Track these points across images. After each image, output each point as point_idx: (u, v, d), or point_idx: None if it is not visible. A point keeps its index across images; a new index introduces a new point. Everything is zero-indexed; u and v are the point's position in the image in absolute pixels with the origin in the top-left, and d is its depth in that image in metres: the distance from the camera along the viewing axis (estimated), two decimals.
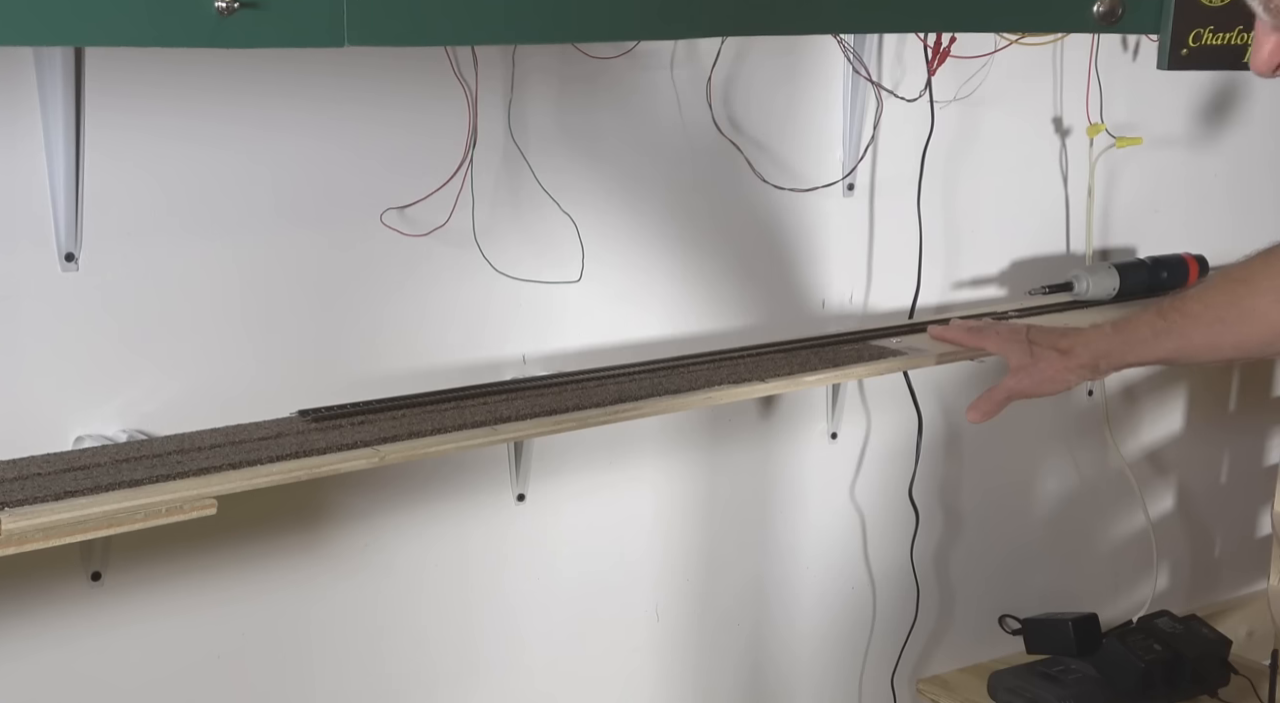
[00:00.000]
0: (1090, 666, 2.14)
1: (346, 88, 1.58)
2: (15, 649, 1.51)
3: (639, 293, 1.85)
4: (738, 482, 2.01)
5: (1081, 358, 1.61)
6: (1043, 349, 1.64)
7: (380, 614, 1.74)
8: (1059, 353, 1.63)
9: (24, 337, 1.45)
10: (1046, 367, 1.63)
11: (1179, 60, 1.65)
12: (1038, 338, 1.66)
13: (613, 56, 1.70)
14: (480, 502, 1.79)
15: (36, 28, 1.07)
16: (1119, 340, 1.60)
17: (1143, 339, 1.57)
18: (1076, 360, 1.62)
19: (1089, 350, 1.61)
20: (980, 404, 1.67)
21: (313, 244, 1.60)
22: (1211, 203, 2.42)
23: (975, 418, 1.68)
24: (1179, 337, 1.52)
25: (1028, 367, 1.65)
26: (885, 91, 1.96)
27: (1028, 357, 1.65)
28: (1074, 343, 1.63)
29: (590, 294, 1.79)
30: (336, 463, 1.39)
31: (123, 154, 1.46)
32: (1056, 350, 1.63)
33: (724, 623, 2.05)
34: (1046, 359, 1.63)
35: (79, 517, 1.24)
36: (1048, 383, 1.64)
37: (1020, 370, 1.65)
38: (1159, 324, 1.55)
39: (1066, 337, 1.64)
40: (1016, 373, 1.66)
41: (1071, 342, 1.63)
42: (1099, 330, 1.63)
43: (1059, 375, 1.63)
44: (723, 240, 1.91)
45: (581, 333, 1.80)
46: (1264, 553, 2.47)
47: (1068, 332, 1.66)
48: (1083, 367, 1.62)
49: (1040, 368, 1.64)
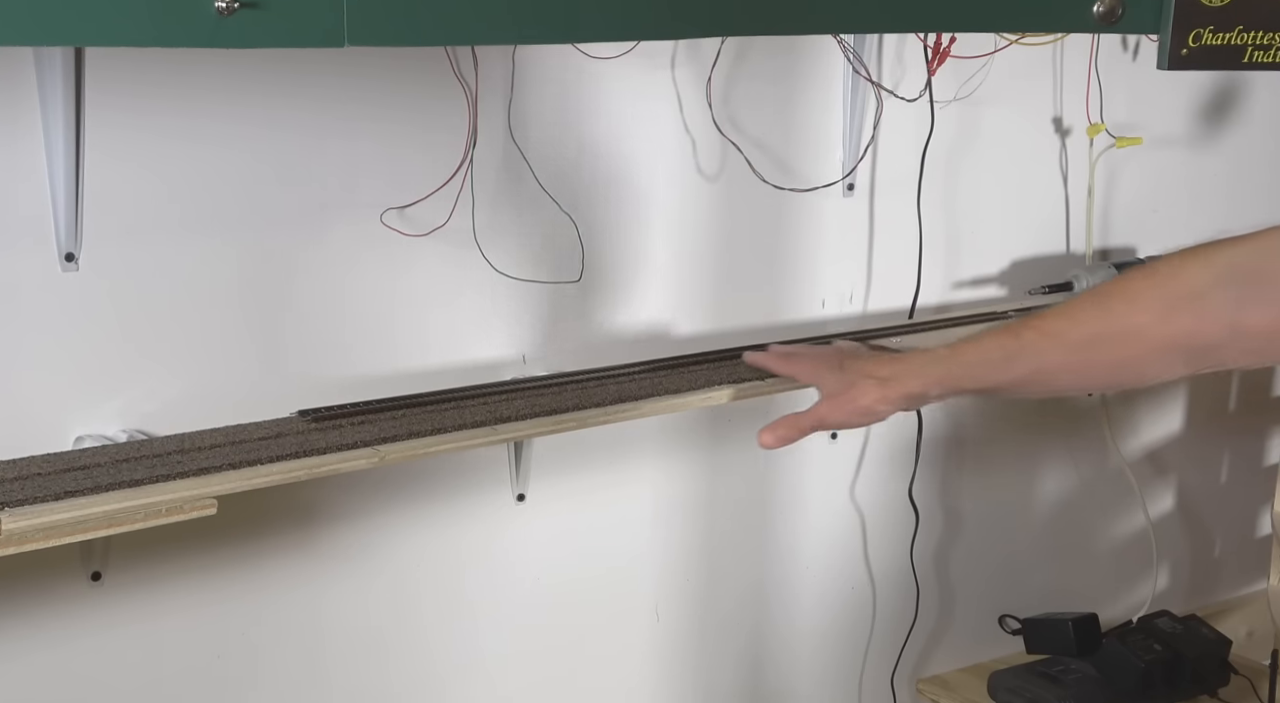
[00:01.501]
0: (1090, 666, 2.14)
1: (346, 88, 1.58)
2: (15, 649, 1.51)
3: (639, 293, 1.85)
4: (738, 482, 2.01)
5: (906, 387, 1.43)
6: (859, 377, 1.45)
7: (380, 614, 1.74)
8: (878, 382, 1.44)
9: (24, 337, 1.45)
10: (861, 396, 1.44)
11: (1179, 60, 1.65)
12: (853, 365, 1.48)
13: (613, 56, 1.70)
14: (480, 502, 1.79)
15: (36, 28, 1.07)
16: (956, 365, 1.41)
17: (990, 362, 1.38)
18: (899, 390, 1.43)
19: (916, 379, 1.42)
20: (778, 428, 1.47)
21: (313, 244, 1.60)
22: (1211, 203, 2.42)
23: (768, 442, 1.46)
24: (1035, 358, 1.35)
25: (840, 395, 1.46)
26: (885, 91, 1.96)
27: (841, 385, 1.46)
28: (897, 371, 1.44)
29: (590, 294, 1.79)
30: (336, 463, 1.39)
31: (123, 154, 1.46)
32: (875, 379, 1.44)
33: (724, 623, 2.05)
34: (861, 388, 1.44)
35: (79, 517, 1.24)
36: (860, 415, 1.46)
37: (832, 399, 1.47)
38: (1011, 345, 1.36)
39: (888, 364, 1.47)
40: (828, 401, 1.47)
41: (894, 370, 1.45)
42: (930, 355, 1.45)
43: (873, 407, 1.44)
44: (723, 240, 1.91)
45: (581, 333, 1.80)
46: (1264, 553, 2.47)
47: (892, 358, 1.49)
48: (906, 397, 1.43)
49: (852, 397, 1.45)
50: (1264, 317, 1.22)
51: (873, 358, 1.52)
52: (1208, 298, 1.24)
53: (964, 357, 1.41)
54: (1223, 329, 1.24)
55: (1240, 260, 1.23)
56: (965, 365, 1.40)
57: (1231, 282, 1.23)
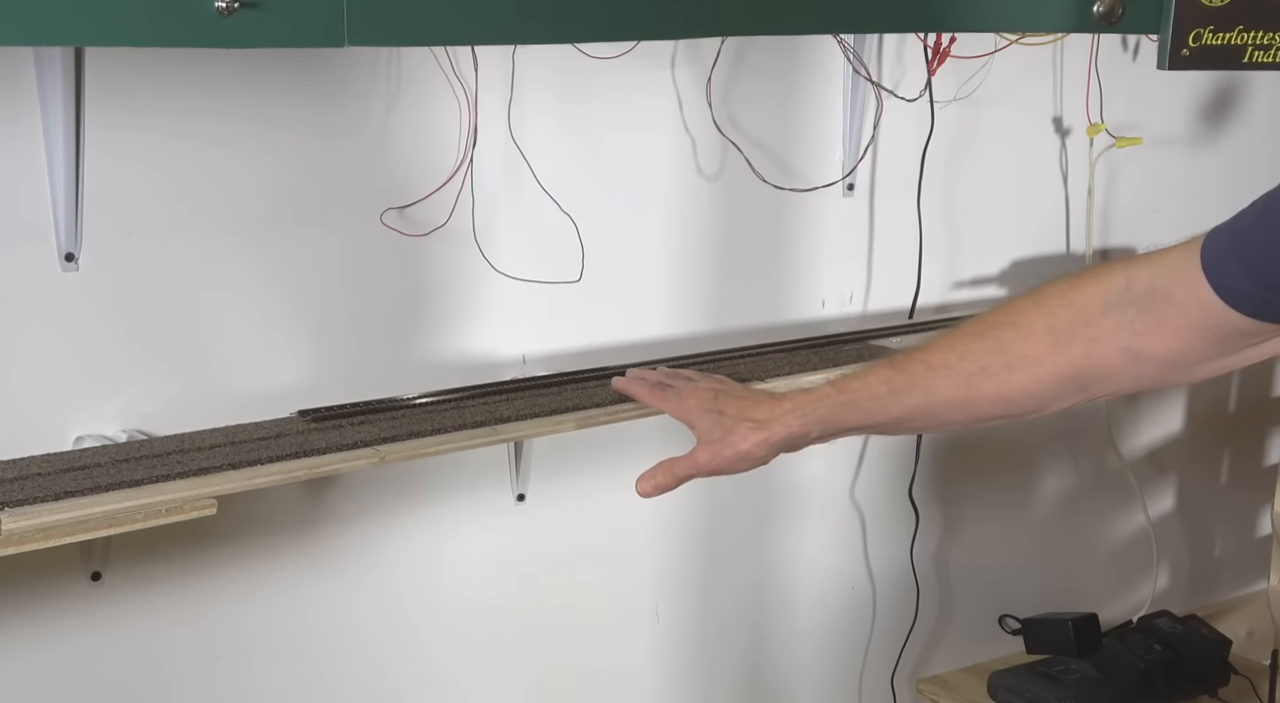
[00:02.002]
0: (1090, 666, 2.13)
1: (346, 88, 1.58)
2: (15, 649, 1.51)
3: (639, 293, 1.85)
4: (738, 482, 1.99)
5: (787, 429, 1.34)
6: (736, 421, 1.37)
7: (380, 614, 1.74)
8: (755, 425, 1.35)
9: (24, 337, 1.45)
10: (738, 441, 1.36)
11: (1179, 60, 1.65)
12: (728, 407, 1.39)
13: (613, 56, 1.70)
14: (480, 502, 1.79)
15: (36, 28, 1.07)
16: (840, 402, 1.33)
17: (875, 397, 1.30)
18: (779, 433, 1.34)
19: (797, 418, 1.34)
20: (655, 475, 1.40)
21: (312, 244, 1.60)
22: (1211, 203, 2.41)
23: (644, 490, 1.40)
24: (922, 393, 1.27)
25: (717, 442, 1.37)
26: (885, 91, 1.96)
27: (718, 429, 1.37)
28: (775, 413, 1.35)
29: (590, 294, 1.79)
30: (336, 463, 1.39)
31: (123, 154, 1.46)
32: (752, 422, 1.36)
33: (724, 623, 2.05)
34: (738, 433, 1.36)
35: (79, 517, 1.24)
36: (740, 461, 1.37)
37: (708, 445, 1.38)
38: (896, 380, 1.29)
39: (766, 405, 1.37)
40: (704, 447, 1.38)
41: (772, 411, 1.36)
42: (811, 394, 1.35)
43: (754, 452, 1.35)
44: (723, 240, 1.91)
45: (581, 333, 1.80)
46: (1264, 553, 2.47)
47: (770, 399, 1.39)
48: (787, 438, 1.35)
49: (730, 443, 1.36)
50: (1161, 341, 1.14)
51: (749, 398, 1.41)
52: (1101, 323, 1.16)
53: (847, 394, 1.32)
54: (1118, 355, 1.16)
55: (1138, 282, 1.14)
56: (848, 403, 1.32)
57: (1128, 304, 1.15)
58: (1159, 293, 1.13)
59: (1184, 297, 1.11)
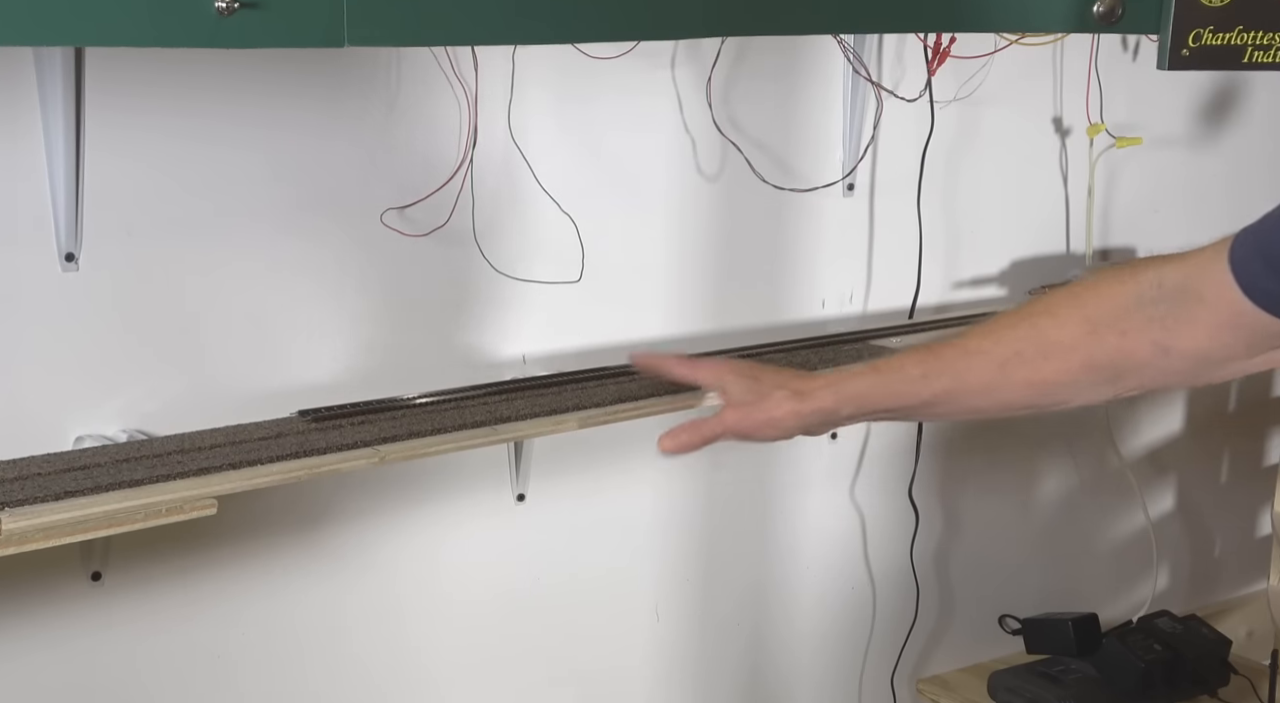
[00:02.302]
0: (1090, 666, 2.14)
1: (346, 88, 1.58)
2: (15, 649, 1.51)
3: (639, 293, 1.85)
4: (737, 482, 2.01)
5: (821, 402, 1.35)
6: (771, 388, 1.38)
7: (380, 614, 1.74)
8: (791, 393, 1.37)
9: (24, 336, 1.45)
10: (772, 408, 1.37)
11: (1179, 60, 1.65)
12: (766, 375, 1.41)
13: (613, 56, 1.70)
14: (480, 502, 1.79)
15: (36, 28, 1.07)
16: (875, 381, 1.35)
17: (907, 379, 1.33)
18: (813, 404, 1.36)
19: (833, 393, 1.36)
20: (679, 434, 1.39)
21: (313, 244, 1.60)
22: (1211, 203, 2.42)
23: (667, 447, 1.39)
24: (953, 377, 1.30)
25: (749, 405, 1.38)
26: (885, 91, 1.96)
27: (751, 394, 1.39)
28: (812, 386, 1.37)
29: (590, 294, 1.79)
30: (336, 463, 1.39)
31: (123, 154, 1.46)
32: (789, 390, 1.37)
33: (724, 623, 2.05)
34: (773, 400, 1.37)
35: (79, 517, 1.24)
36: (768, 427, 1.38)
37: (740, 407, 1.39)
38: (930, 362, 1.32)
39: (801, 377, 1.40)
40: (736, 409, 1.39)
41: (809, 384, 1.38)
42: (846, 371, 1.39)
43: (784, 420, 1.37)
44: (722, 240, 1.91)
45: (581, 333, 1.80)
46: (1264, 553, 2.47)
47: (805, 373, 1.43)
48: (818, 412, 1.36)
49: (764, 408, 1.37)
50: (1191, 338, 1.17)
51: (784, 370, 1.45)
52: (1133, 316, 1.19)
53: (881, 374, 1.35)
54: (1148, 348, 1.19)
55: (1169, 279, 1.18)
56: (881, 383, 1.35)
57: (1160, 300, 1.18)
58: (1190, 291, 1.17)
59: (1213, 295, 1.15)
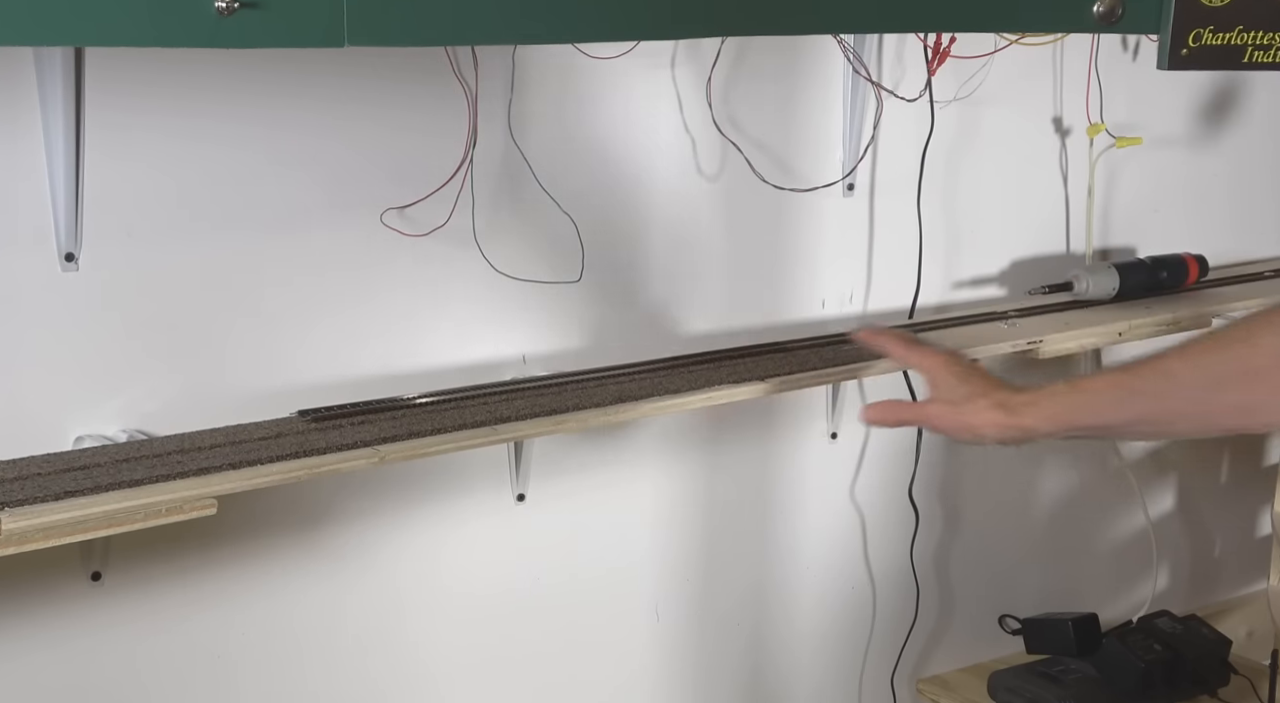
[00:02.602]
0: (1090, 666, 2.13)
1: (346, 88, 1.58)
2: (15, 649, 1.51)
3: (639, 293, 1.85)
4: (738, 482, 2.01)
5: (1023, 420, 1.39)
6: (978, 394, 1.42)
7: (380, 614, 1.74)
8: (994, 405, 1.41)
9: (24, 337, 1.45)
10: (973, 415, 1.41)
11: (1179, 60, 1.65)
12: (975, 380, 1.45)
13: (613, 56, 1.70)
14: (480, 502, 1.79)
15: (36, 28, 1.07)
16: (1076, 401, 1.38)
17: (1107, 401, 1.36)
18: (1014, 420, 1.39)
19: (1035, 412, 1.39)
20: (883, 410, 1.49)
21: (313, 244, 1.60)
22: (1211, 203, 2.42)
23: (869, 417, 1.50)
24: (1153, 400, 1.33)
25: (954, 405, 1.43)
26: (885, 91, 1.96)
27: (960, 395, 1.43)
28: (1019, 402, 1.40)
29: (590, 294, 1.79)
30: (336, 463, 1.39)
31: (123, 154, 1.46)
32: (993, 400, 1.41)
33: (724, 623, 2.05)
34: (976, 407, 1.41)
35: (79, 517, 1.24)
36: (967, 431, 1.43)
37: (944, 404, 1.44)
38: (1132, 384, 1.34)
39: (1013, 392, 1.42)
40: (940, 405, 1.45)
41: (1015, 399, 1.40)
42: (1049, 390, 1.40)
43: (985, 429, 1.41)
44: (723, 240, 1.91)
45: (581, 333, 1.80)
46: (1264, 553, 2.47)
47: (1010, 386, 1.44)
48: (1018, 429, 1.40)
49: (966, 412, 1.42)
50: None
51: (993, 379, 1.46)
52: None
53: (1083, 394, 1.38)
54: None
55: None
56: (1084, 404, 1.37)
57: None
58: None
59: None
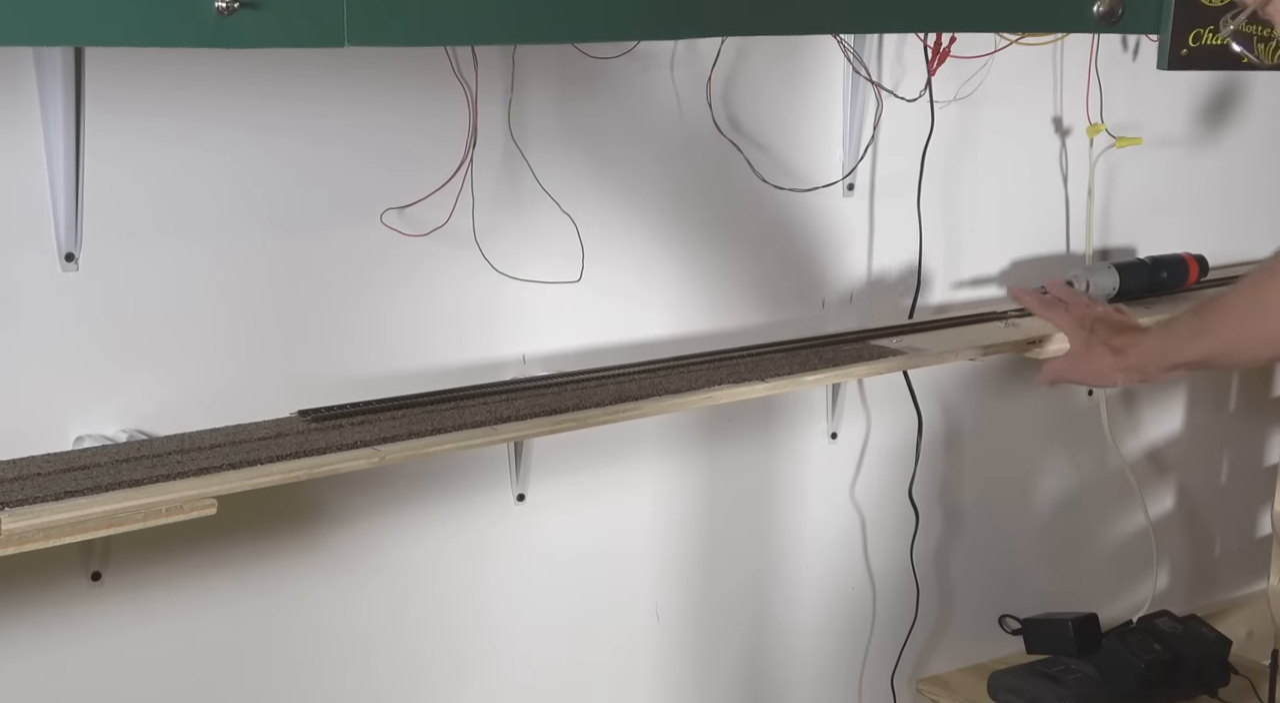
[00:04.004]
0: (1090, 666, 2.13)
1: (346, 88, 1.58)
2: (15, 649, 1.51)
3: (639, 293, 1.85)
4: (738, 482, 2.01)
5: (1130, 359, 1.63)
6: (1099, 343, 1.67)
7: (380, 614, 1.74)
8: (1111, 351, 1.65)
9: (24, 336, 1.45)
10: (1097, 362, 1.67)
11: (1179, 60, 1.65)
12: (1099, 329, 1.69)
13: (613, 56, 1.70)
14: (480, 502, 1.79)
15: (36, 28, 1.07)
16: (1163, 343, 1.61)
17: (1183, 339, 1.57)
18: (1125, 361, 1.64)
19: (1137, 352, 1.63)
20: (1045, 370, 1.77)
21: (313, 244, 1.60)
22: (1211, 203, 2.42)
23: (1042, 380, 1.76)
24: (1213, 335, 1.51)
25: (1081, 356, 1.69)
26: (885, 91, 1.96)
27: (1083, 346, 1.69)
28: (1126, 343, 1.65)
29: (590, 294, 1.79)
30: (336, 463, 1.39)
31: (123, 154, 1.46)
32: (1109, 347, 1.66)
33: (724, 623, 2.05)
34: (1098, 354, 1.67)
35: (79, 517, 1.24)
36: (1095, 376, 1.71)
37: (1073, 357, 1.71)
38: (1195, 325, 1.54)
39: (1124, 335, 1.67)
40: (1070, 358, 1.72)
41: (1124, 342, 1.65)
42: (1147, 333, 1.66)
43: (1106, 372, 1.67)
44: (723, 240, 1.91)
45: (581, 333, 1.80)
46: (1264, 553, 2.47)
47: (1127, 329, 1.69)
48: (1130, 368, 1.64)
49: (1090, 361, 1.68)
50: None
51: (1117, 326, 1.70)
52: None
53: (1166, 338, 1.60)
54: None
55: None
56: (1168, 345, 1.59)
57: None
58: None
59: None
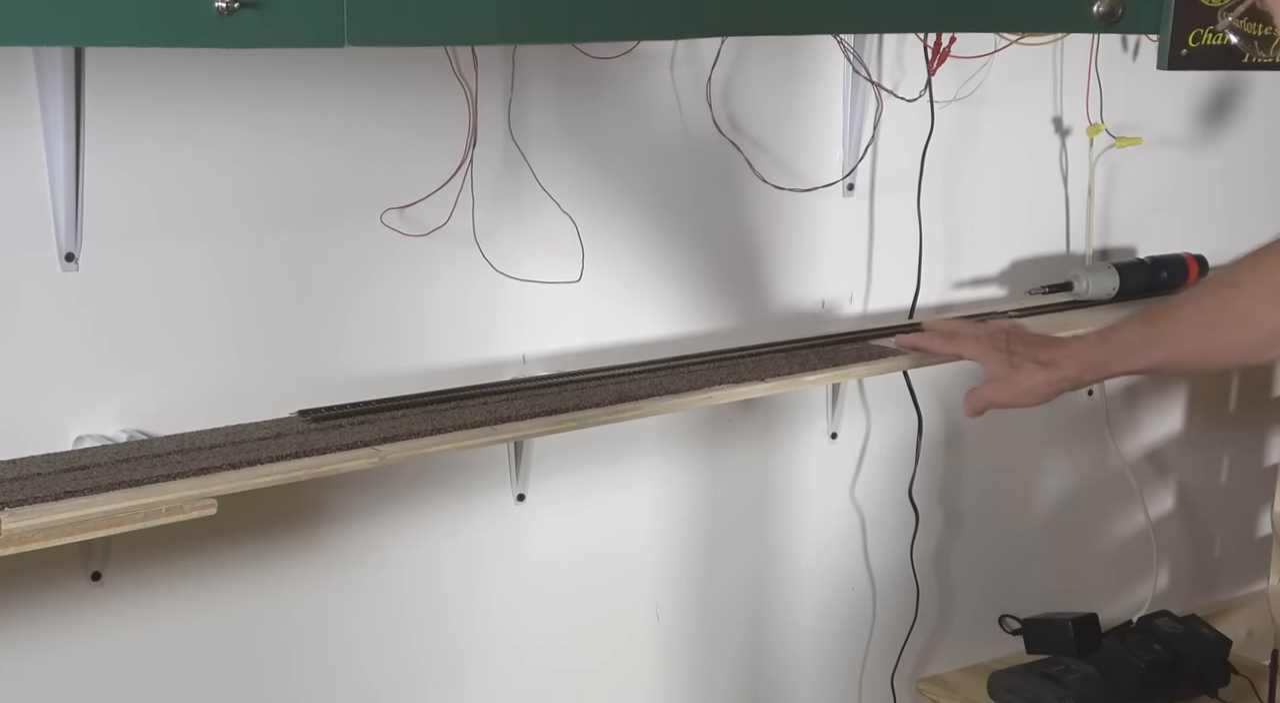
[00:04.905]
0: (1090, 666, 2.13)
1: (346, 88, 1.58)
2: (15, 649, 1.51)
3: (639, 293, 1.85)
4: (738, 482, 2.01)
5: (1065, 371, 1.55)
6: (1023, 360, 1.57)
7: (380, 614, 1.74)
8: (1040, 365, 1.56)
9: (24, 337, 1.45)
10: (1025, 379, 1.57)
11: (1179, 60, 1.65)
12: (1018, 348, 1.59)
13: (613, 56, 1.70)
14: (480, 502, 1.79)
15: (36, 28, 1.07)
16: (1105, 350, 1.53)
17: (1130, 347, 1.51)
18: (1059, 373, 1.55)
19: (1073, 362, 1.55)
20: (968, 400, 1.64)
21: (313, 244, 1.60)
22: (1211, 203, 2.42)
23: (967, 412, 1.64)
24: (1168, 345, 1.47)
25: (1005, 378, 1.58)
26: (885, 91, 1.96)
27: (1006, 367, 1.58)
28: (1057, 355, 1.56)
29: (590, 294, 1.79)
30: (336, 463, 1.39)
31: (123, 154, 1.46)
32: (1037, 362, 1.57)
33: (724, 623, 2.05)
34: (1026, 371, 1.57)
35: (79, 517, 1.24)
36: (1026, 396, 1.58)
37: (998, 381, 1.59)
38: (1147, 332, 1.49)
39: (1049, 347, 1.58)
40: (994, 383, 1.60)
41: (1054, 353, 1.56)
42: (1083, 341, 1.57)
43: (1038, 389, 1.56)
44: (723, 240, 1.91)
45: (581, 333, 1.80)
46: (1264, 553, 2.47)
47: (1050, 342, 1.59)
48: (1065, 380, 1.55)
49: (1019, 380, 1.57)
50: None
51: (1036, 341, 1.61)
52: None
53: (1110, 344, 1.53)
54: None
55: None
56: (1112, 352, 1.52)
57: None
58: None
59: None
